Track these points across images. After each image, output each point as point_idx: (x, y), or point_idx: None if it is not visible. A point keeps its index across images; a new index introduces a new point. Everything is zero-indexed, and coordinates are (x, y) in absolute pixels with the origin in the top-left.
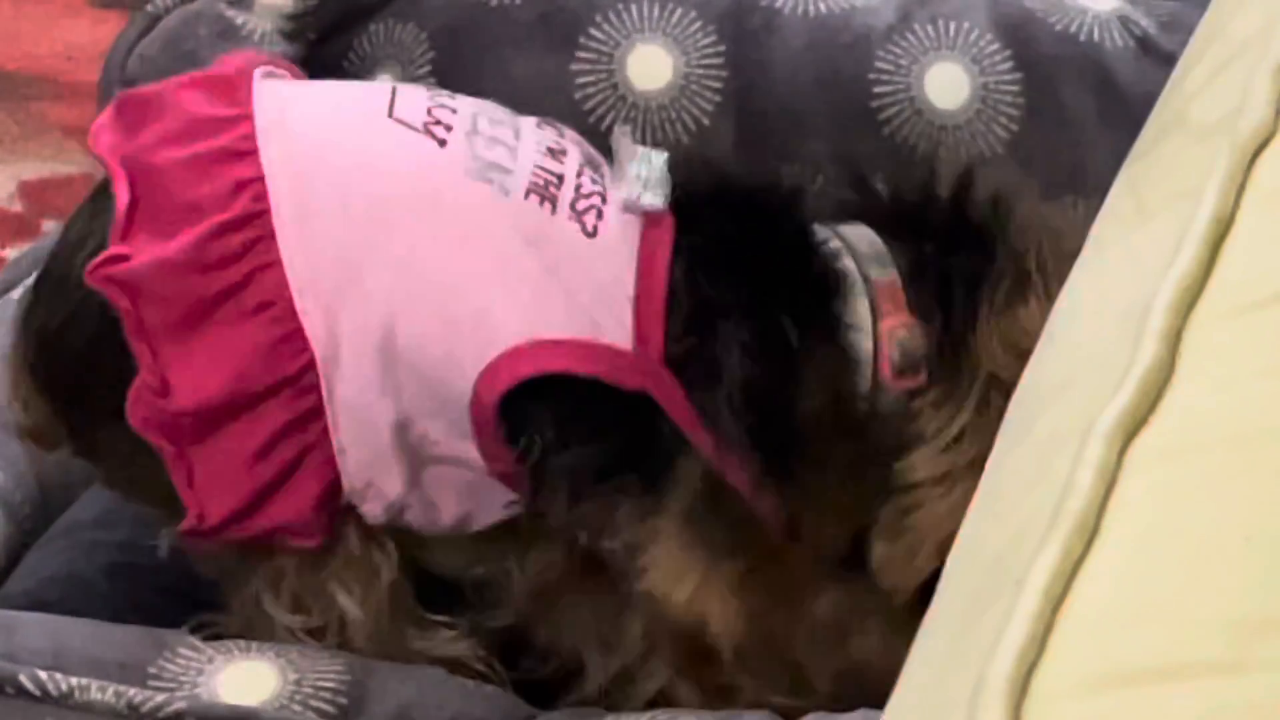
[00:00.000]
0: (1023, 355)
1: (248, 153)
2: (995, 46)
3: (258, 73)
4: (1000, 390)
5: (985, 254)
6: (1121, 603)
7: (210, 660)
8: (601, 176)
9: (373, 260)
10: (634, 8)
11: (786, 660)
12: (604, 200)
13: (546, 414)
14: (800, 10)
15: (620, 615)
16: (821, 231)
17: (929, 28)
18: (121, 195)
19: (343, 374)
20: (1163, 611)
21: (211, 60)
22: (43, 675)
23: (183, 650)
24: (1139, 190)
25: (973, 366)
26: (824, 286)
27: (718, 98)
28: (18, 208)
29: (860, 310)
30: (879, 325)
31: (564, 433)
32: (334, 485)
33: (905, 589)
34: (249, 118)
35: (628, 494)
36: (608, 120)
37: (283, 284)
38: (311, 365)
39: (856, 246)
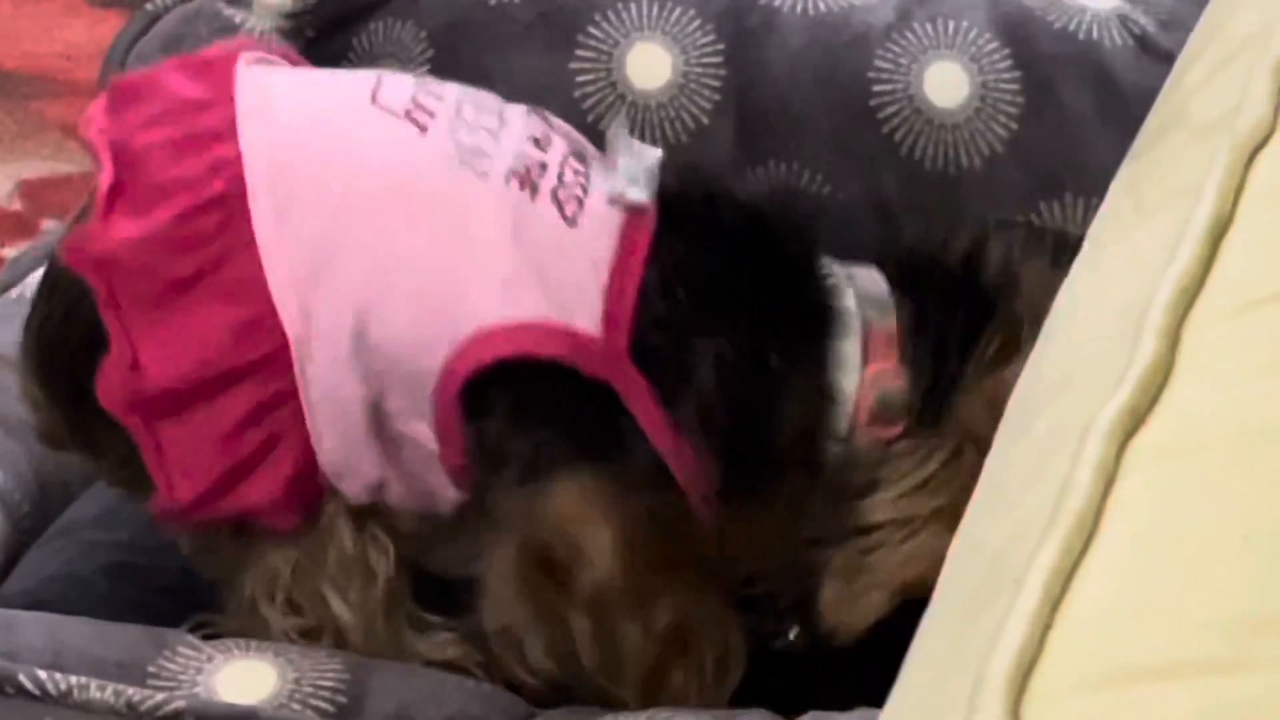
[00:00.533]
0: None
1: (226, 135)
2: (994, 45)
3: (244, 57)
4: (975, 445)
5: (985, 316)
6: (1120, 601)
7: (209, 659)
8: (587, 167)
9: (348, 243)
10: (633, 6)
11: (618, 630)
12: (586, 191)
13: (506, 398)
14: (799, 9)
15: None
16: (828, 265)
17: (928, 26)
18: (105, 175)
19: (316, 356)
20: (1161, 610)
21: None
22: (42, 674)
23: (182, 649)
24: (1138, 189)
25: (952, 423)
26: (817, 319)
27: (717, 96)
28: (17, 207)
29: (850, 351)
30: (866, 369)
31: (520, 417)
32: (308, 467)
33: (847, 630)
34: (230, 100)
35: (575, 478)
36: (606, 119)
37: (257, 265)
38: (284, 347)
39: (862, 288)
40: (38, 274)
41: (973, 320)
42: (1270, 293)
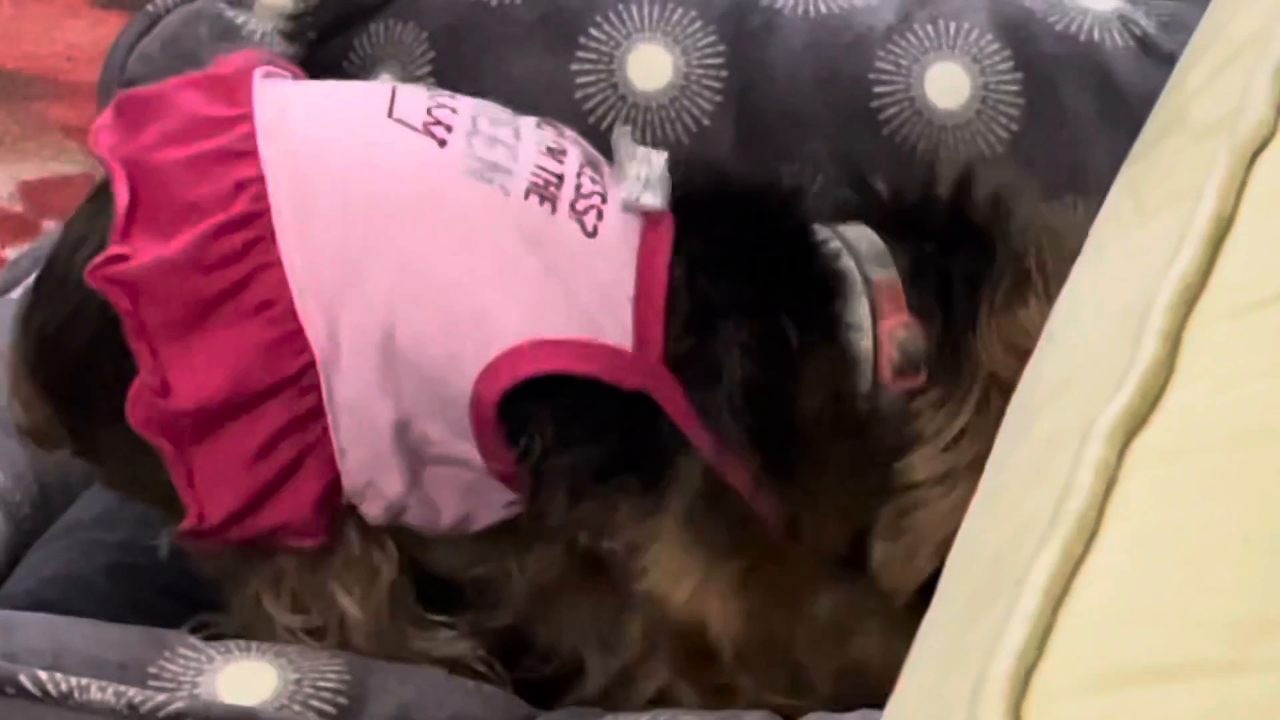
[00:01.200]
0: (1023, 355)
1: (248, 153)
2: (995, 46)
3: (258, 73)
4: (1000, 390)
5: (985, 254)
6: (1121, 602)
7: (210, 660)
8: (601, 176)
9: (373, 260)
10: (634, 8)
11: (787, 660)
12: (604, 200)
13: (546, 414)
14: (800, 10)
15: (620, 615)
16: (822, 231)
17: (929, 28)
18: (121, 195)
19: (343, 374)
20: (1162, 611)
21: (211, 60)
22: (43, 675)
23: (183, 650)
24: (1139, 190)
25: (973, 366)
26: (824, 286)
27: (718, 98)
28: (18, 208)
29: (860, 310)
30: (879, 325)
31: (564, 432)
32: (334, 485)
33: (905, 589)
34: (249, 118)
35: (627, 493)
36: (608, 120)
37: (283, 284)
38: (311, 365)
39: (857, 246)
40: None
41: (973, 259)
42: (1271, 294)
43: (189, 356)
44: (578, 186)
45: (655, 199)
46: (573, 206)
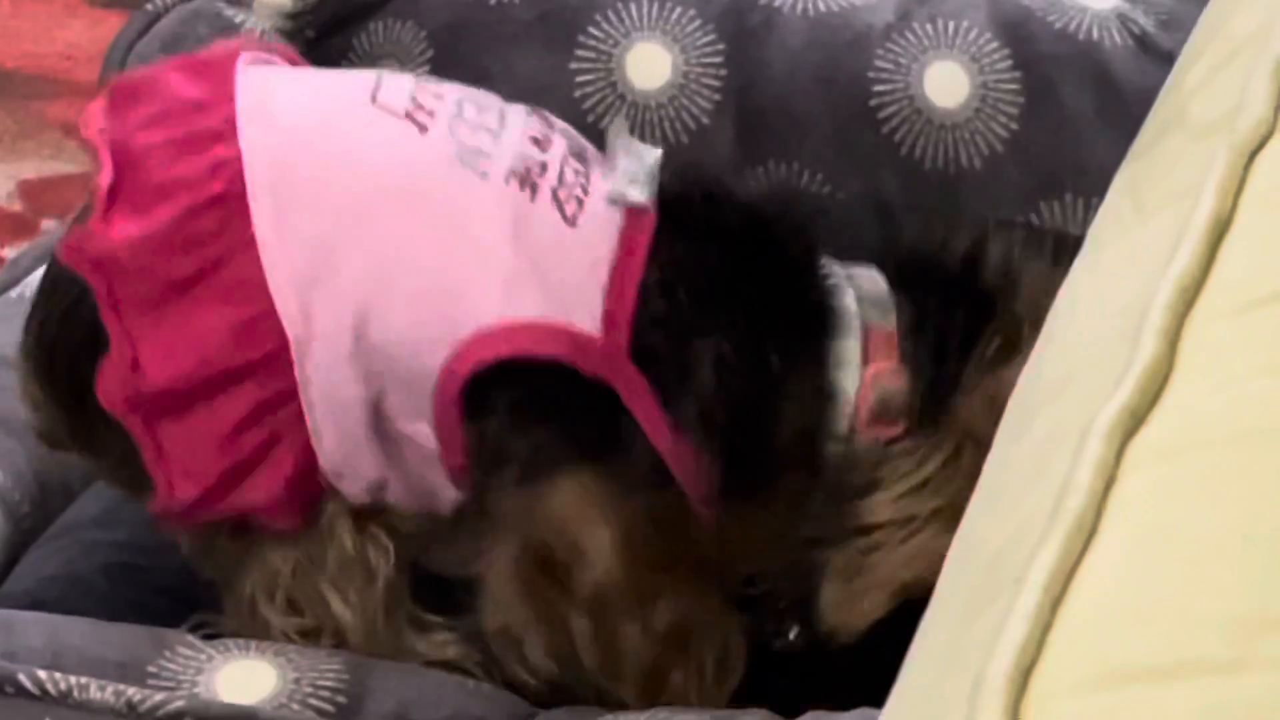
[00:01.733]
0: (1002, 412)
1: (227, 134)
2: (994, 45)
3: (243, 57)
4: (974, 445)
5: (986, 317)
6: (1120, 601)
7: (209, 659)
8: (587, 167)
9: (348, 243)
10: (633, 6)
11: (618, 630)
12: (586, 191)
13: (506, 398)
14: (800, 9)
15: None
16: (828, 265)
17: (928, 26)
18: (105, 175)
19: (316, 356)
20: (1161, 610)
21: None
22: (42, 674)
23: (182, 649)
24: (1138, 189)
25: (951, 421)
26: (817, 319)
27: (717, 96)
28: (17, 207)
29: (850, 351)
30: (865, 369)
31: (520, 417)
32: (308, 467)
33: (847, 631)
34: (230, 100)
35: (574, 478)
36: (606, 119)
37: (257, 264)
38: (285, 346)
39: (862, 288)
40: (38, 274)
41: (972, 320)
42: (1270, 293)
43: (160, 334)
44: (561, 175)
45: (640, 194)
46: (554, 194)
